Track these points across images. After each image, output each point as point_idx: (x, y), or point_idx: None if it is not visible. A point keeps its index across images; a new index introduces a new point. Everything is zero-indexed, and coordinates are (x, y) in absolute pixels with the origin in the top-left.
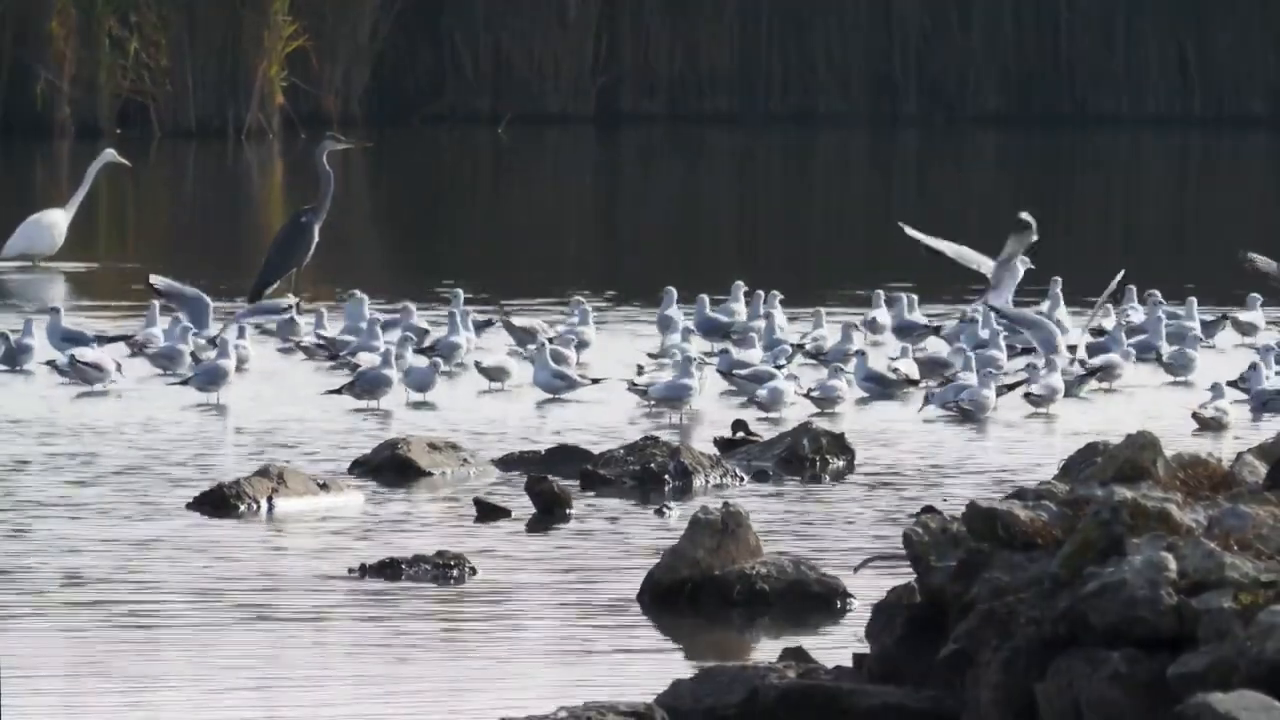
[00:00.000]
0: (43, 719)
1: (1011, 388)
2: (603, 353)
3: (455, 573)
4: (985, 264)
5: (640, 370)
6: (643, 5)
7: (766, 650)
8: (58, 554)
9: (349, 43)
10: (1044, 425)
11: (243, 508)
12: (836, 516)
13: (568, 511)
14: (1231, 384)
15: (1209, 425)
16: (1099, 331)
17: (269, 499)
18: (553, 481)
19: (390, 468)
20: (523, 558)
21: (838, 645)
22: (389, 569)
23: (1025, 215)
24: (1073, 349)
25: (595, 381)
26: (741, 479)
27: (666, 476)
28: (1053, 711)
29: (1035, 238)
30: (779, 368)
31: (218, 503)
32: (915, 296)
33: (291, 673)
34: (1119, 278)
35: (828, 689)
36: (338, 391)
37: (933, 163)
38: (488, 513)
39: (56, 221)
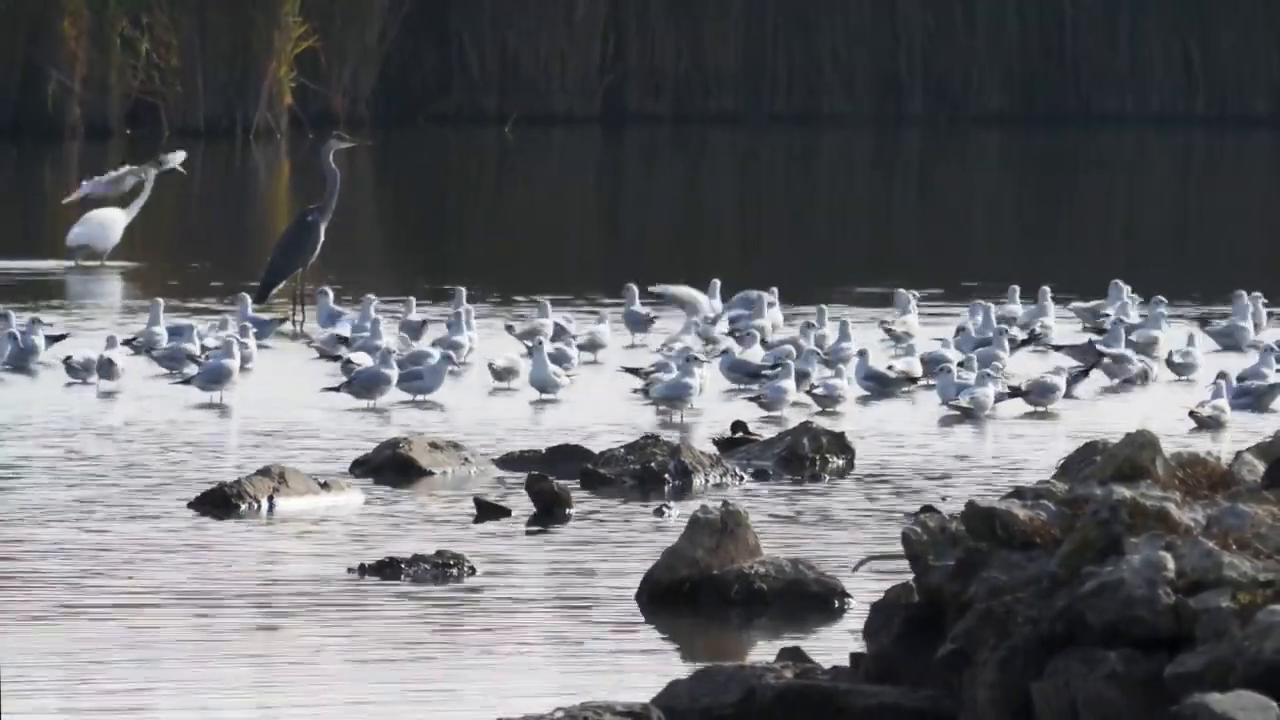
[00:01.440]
0: (43, 719)
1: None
2: (605, 351)
3: (455, 572)
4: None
5: (640, 371)
6: (649, 5)
7: (764, 650)
8: (58, 554)
9: (357, 43)
10: (1044, 425)
11: (243, 507)
12: (836, 516)
13: (567, 511)
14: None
15: (1207, 424)
16: (1099, 330)
17: (270, 499)
18: (553, 481)
19: (391, 467)
20: (522, 557)
21: (835, 645)
22: (389, 569)
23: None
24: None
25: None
26: (741, 479)
27: (666, 476)
28: (1049, 711)
29: None
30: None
31: (218, 503)
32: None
33: (291, 672)
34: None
35: (824, 689)
36: (335, 389)
37: (937, 162)
38: (488, 512)
39: (117, 219)
